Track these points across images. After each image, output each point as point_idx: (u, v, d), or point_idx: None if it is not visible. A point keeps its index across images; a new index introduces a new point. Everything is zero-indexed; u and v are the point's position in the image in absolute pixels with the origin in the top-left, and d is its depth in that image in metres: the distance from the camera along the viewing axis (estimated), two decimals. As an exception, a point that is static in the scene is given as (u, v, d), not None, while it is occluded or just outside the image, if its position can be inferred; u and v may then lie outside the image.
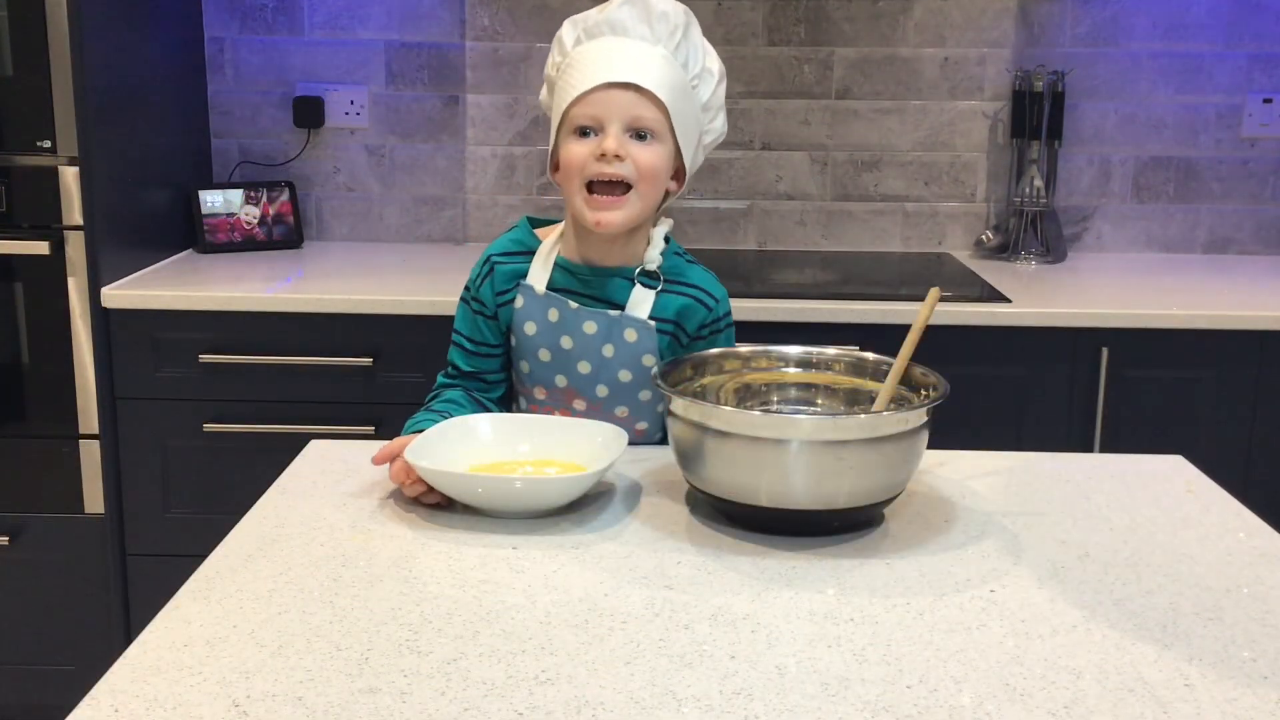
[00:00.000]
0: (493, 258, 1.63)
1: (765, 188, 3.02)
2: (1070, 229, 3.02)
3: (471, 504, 1.38)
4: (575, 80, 1.52)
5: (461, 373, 1.65)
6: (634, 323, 1.58)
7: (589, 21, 1.55)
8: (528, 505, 1.37)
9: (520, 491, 1.37)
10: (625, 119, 1.50)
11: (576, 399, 1.62)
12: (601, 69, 1.51)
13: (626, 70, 1.50)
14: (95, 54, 2.41)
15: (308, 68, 2.96)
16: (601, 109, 1.50)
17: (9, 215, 2.41)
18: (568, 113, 1.53)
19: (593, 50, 1.53)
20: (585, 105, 1.51)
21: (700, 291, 1.62)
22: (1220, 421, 2.47)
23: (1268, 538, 1.36)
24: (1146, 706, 1.00)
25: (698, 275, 1.64)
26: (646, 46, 1.53)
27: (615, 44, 1.53)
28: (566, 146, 1.53)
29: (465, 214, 3.03)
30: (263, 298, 2.44)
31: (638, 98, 1.50)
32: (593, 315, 1.58)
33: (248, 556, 1.26)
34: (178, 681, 1.02)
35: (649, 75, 1.51)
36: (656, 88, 1.50)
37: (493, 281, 1.62)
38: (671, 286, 1.60)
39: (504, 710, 0.98)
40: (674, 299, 1.60)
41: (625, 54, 1.51)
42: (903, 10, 2.94)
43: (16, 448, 2.48)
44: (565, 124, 1.54)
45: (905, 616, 1.15)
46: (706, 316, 1.62)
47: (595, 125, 1.51)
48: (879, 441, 1.29)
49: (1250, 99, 2.96)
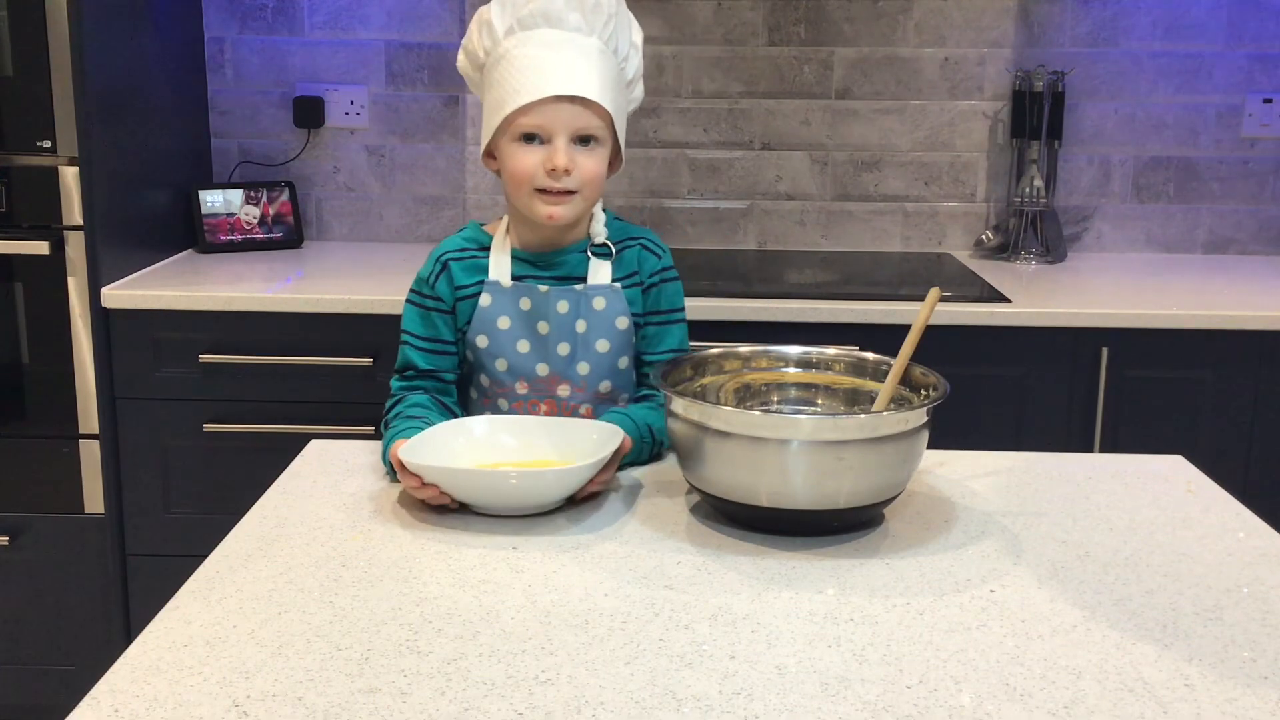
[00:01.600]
0: (446, 254, 1.65)
1: (765, 188, 3.02)
2: (1070, 229, 3.02)
3: (469, 501, 1.38)
4: (516, 84, 1.53)
5: (420, 372, 1.64)
6: (599, 290, 1.61)
7: (521, 10, 1.55)
8: (524, 500, 1.37)
9: (516, 487, 1.37)
10: (570, 129, 1.54)
11: (560, 384, 1.62)
12: (545, 78, 1.52)
13: (570, 81, 1.52)
14: (95, 54, 2.41)
15: (308, 68, 2.96)
16: (548, 120, 1.53)
17: (9, 215, 2.41)
18: (511, 118, 1.54)
19: (530, 49, 1.53)
20: (530, 115, 1.53)
21: (647, 240, 1.68)
22: (1220, 421, 2.47)
23: (1268, 538, 1.36)
24: (1146, 706, 1.00)
25: (639, 230, 1.70)
26: (581, 39, 1.54)
27: (552, 40, 1.53)
28: (513, 154, 1.55)
29: (465, 214, 3.03)
30: (263, 298, 2.44)
31: (582, 109, 1.53)
32: (563, 294, 1.61)
33: (248, 556, 1.26)
34: (178, 681, 1.02)
35: (591, 84, 1.53)
36: (600, 96, 1.53)
37: (449, 277, 1.63)
38: (620, 245, 1.66)
39: (504, 710, 0.98)
40: (626, 254, 1.65)
41: (564, 58, 1.53)
42: (903, 10, 2.94)
43: (16, 448, 2.48)
44: (508, 129, 1.55)
45: (905, 616, 1.15)
46: (656, 264, 1.67)
47: (541, 134, 1.54)
48: (879, 441, 1.29)
49: (1250, 99, 2.96)
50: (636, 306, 1.64)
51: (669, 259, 1.69)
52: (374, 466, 1.53)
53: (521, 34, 1.55)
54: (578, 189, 1.55)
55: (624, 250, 1.65)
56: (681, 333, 1.68)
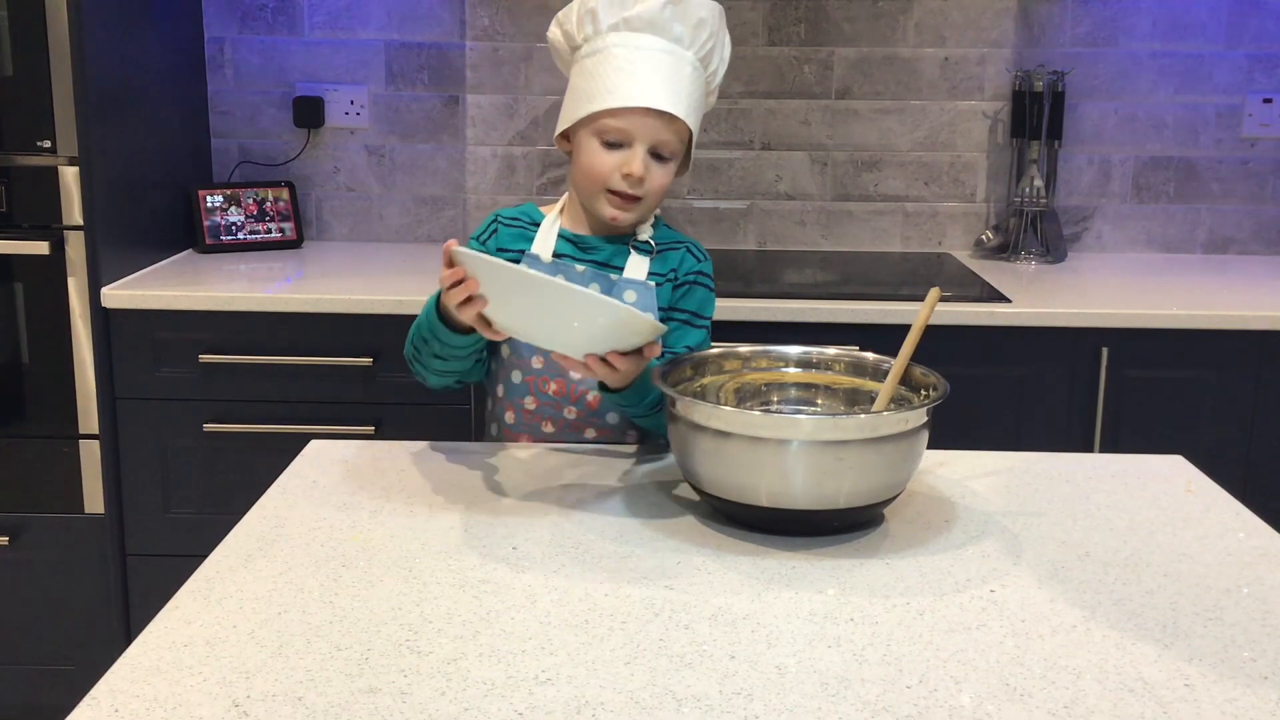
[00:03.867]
0: (500, 217, 1.71)
1: (765, 188, 3.02)
2: (1070, 229, 3.02)
3: (501, 311, 1.36)
4: (611, 84, 1.56)
5: None
6: (633, 283, 1.64)
7: (629, 10, 1.57)
8: (561, 318, 1.34)
9: (556, 297, 1.32)
10: (652, 141, 1.58)
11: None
12: (640, 87, 1.56)
13: (662, 95, 1.56)
14: (95, 54, 2.41)
15: (308, 68, 2.96)
16: (634, 127, 1.57)
17: (9, 215, 2.41)
18: (598, 116, 1.57)
19: (629, 51, 1.57)
20: (618, 119, 1.57)
21: (693, 245, 1.73)
22: (1220, 421, 2.47)
23: (1268, 538, 1.36)
24: (1146, 706, 1.00)
25: (686, 238, 1.76)
26: (680, 51, 1.59)
27: (653, 47, 1.57)
28: (593, 152, 1.59)
29: (465, 214, 3.03)
30: (263, 298, 2.44)
31: (667, 124, 1.58)
32: (596, 277, 1.65)
33: (248, 556, 1.26)
34: (178, 681, 1.02)
35: (681, 101, 1.58)
36: (687, 115, 1.58)
37: (498, 238, 1.69)
38: (665, 247, 1.70)
39: (504, 710, 0.98)
40: (670, 254, 1.70)
41: (660, 70, 1.57)
42: (903, 10, 2.94)
43: (16, 448, 2.48)
44: (592, 124, 1.59)
45: (905, 616, 1.15)
46: (694, 265, 1.71)
47: (624, 140, 1.58)
48: (879, 441, 1.29)
49: (1250, 99, 2.96)
50: (664, 302, 1.67)
51: (709, 267, 1.73)
52: (374, 466, 1.53)
53: (625, 34, 1.58)
54: (645, 196, 1.61)
55: (668, 251, 1.69)
56: (701, 337, 1.69)
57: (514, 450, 1.62)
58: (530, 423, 1.67)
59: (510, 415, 1.68)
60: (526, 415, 1.67)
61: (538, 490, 1.47)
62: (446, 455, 1.58)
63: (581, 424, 1.66)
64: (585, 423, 1.66)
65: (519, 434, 1.68)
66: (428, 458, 1.57)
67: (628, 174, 1.58)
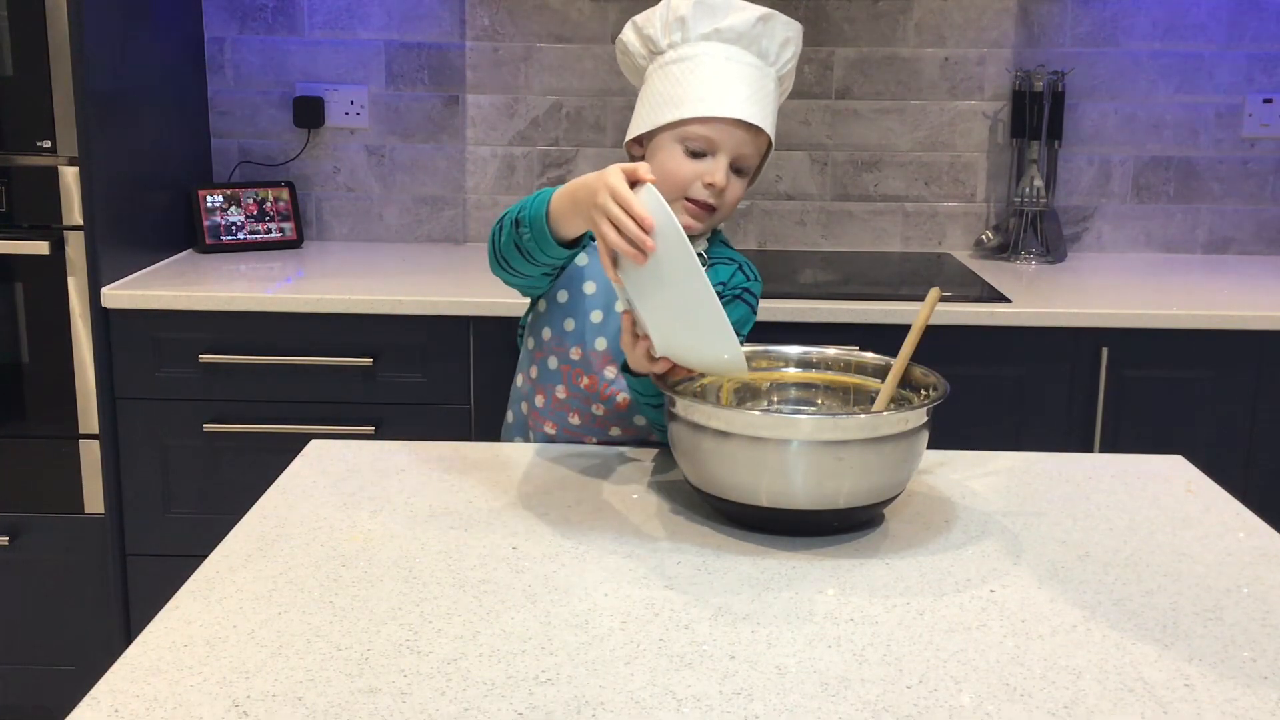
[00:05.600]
0: None
1: (765, 188, 3.02)
2: (1070, 229, 3.02)
3: (635, 274, 1.28)
4: (701, 91, 1.56)
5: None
6: None
7: (720, 21, 1.57)
8: (678, 319, 1.29)
9: (694, 307, 1.26)
10: (735, 153, 1.58)
11: (609, 365, 1.64)
12: (731, 98, 1.55)
13: (750, 108, 1.56)
14: (95, 54, 2.41)
15: (308, 68, 2.96)
16: (720, 137, 1.57)
17: (9, 215, 2.41)
18: (685, 122, 1.57)
19: (719, 63, 1.57)
20: (705, 128, 1.56)
21: (745, 264, 1.74)
22: (1220, 421, 2.47)
23: (1268, 538, 1.36)
24: (1146, 706, 1.00)
25: (741, 256, 1.76)
26: (765, 67, 1.60)
27: (742, 60, 1.58)
28: (675, 158, 1.58)
29: (465, 214, 3.03)
30: (263, 298, 2.44)
31: (752, 138, 1.58)
32: None
33: (248, 556, 1.26)
34: (178, 681, 1.02)
35: (766, 116, 1.59)
36: (769, 128, 1.59)
37: None
38: (717, 260, 1.70)
39: (504, 710, 0.98)
40: (722, 268, 1.70)
41: (750, 83, 1.57)
42: (903, 10, 2.94)
43: (16, 448, 2.48)
44: (677, 131, 1.58)
45: (905, 616, 1.15)
46: (743, 281, 1.71)
47: (709, 149, 1.58)
48: (879, 441, 1.29)
49: (1250, 99, 2.96)
50: None
51: (758, 288, 1.73)
52: (374, 466, 1.53)
53: (716, 44, 1.58)
54: (720, 207, 1.60)
55: (719, 265, 1.69)
56: None
57: (514, 450, 1.62)
58: (557, 411, 1.67)
59: (540, 399, 1.68)
60: (555, 403, 1.67)
61: (538, 490, 1.47)
62: (447, 455, 1.58)
63: (608, 421, 1.66)
64: (612, 421, 1.66)
65: (545, 420, 1.68)
66: (428, 458, 1.57)
67: (710, 184, 1.57)
